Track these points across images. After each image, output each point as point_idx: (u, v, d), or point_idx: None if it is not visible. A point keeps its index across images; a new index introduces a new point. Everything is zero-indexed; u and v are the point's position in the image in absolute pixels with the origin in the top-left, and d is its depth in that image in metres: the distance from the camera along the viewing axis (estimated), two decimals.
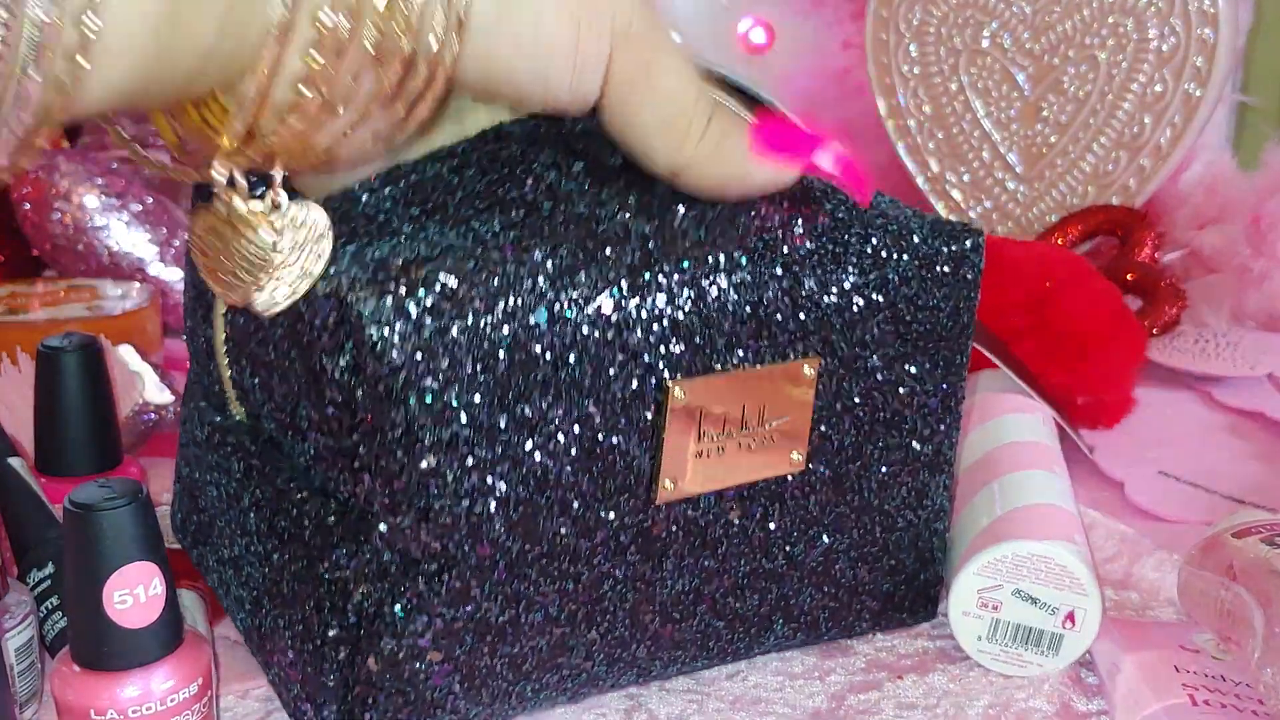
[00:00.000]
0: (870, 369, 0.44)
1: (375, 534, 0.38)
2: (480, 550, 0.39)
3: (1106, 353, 0.70)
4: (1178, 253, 0.90)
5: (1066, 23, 0.89)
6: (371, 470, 0.37)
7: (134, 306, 0.73)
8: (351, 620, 0.39)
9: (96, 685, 0.39)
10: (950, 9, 0.92)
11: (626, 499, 0.41)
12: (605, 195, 0.40)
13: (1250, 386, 0.75)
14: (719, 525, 0.43)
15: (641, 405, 0.40)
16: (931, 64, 0.94)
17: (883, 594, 0.49)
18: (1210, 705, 0.44)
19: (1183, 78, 0.86)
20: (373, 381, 0.35)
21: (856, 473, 0.46)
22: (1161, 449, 0.68)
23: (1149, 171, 0.89)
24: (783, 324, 0.42)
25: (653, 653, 0.44)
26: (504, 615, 0.40)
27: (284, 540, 0.40)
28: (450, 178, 0.39)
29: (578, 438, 0.39)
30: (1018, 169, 0.92)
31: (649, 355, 0.39)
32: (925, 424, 0.46)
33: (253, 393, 0.41)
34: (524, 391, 0.37)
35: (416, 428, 0.36)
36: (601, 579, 0.41)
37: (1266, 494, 0.62)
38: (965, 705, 0.46)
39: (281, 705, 0.44)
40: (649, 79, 0.37)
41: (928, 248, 0.44)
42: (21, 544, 0.49)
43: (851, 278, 0.43)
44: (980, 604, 0.48)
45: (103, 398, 0.54)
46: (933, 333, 0.45)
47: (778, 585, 0.46)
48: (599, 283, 0.38)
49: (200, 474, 0.46)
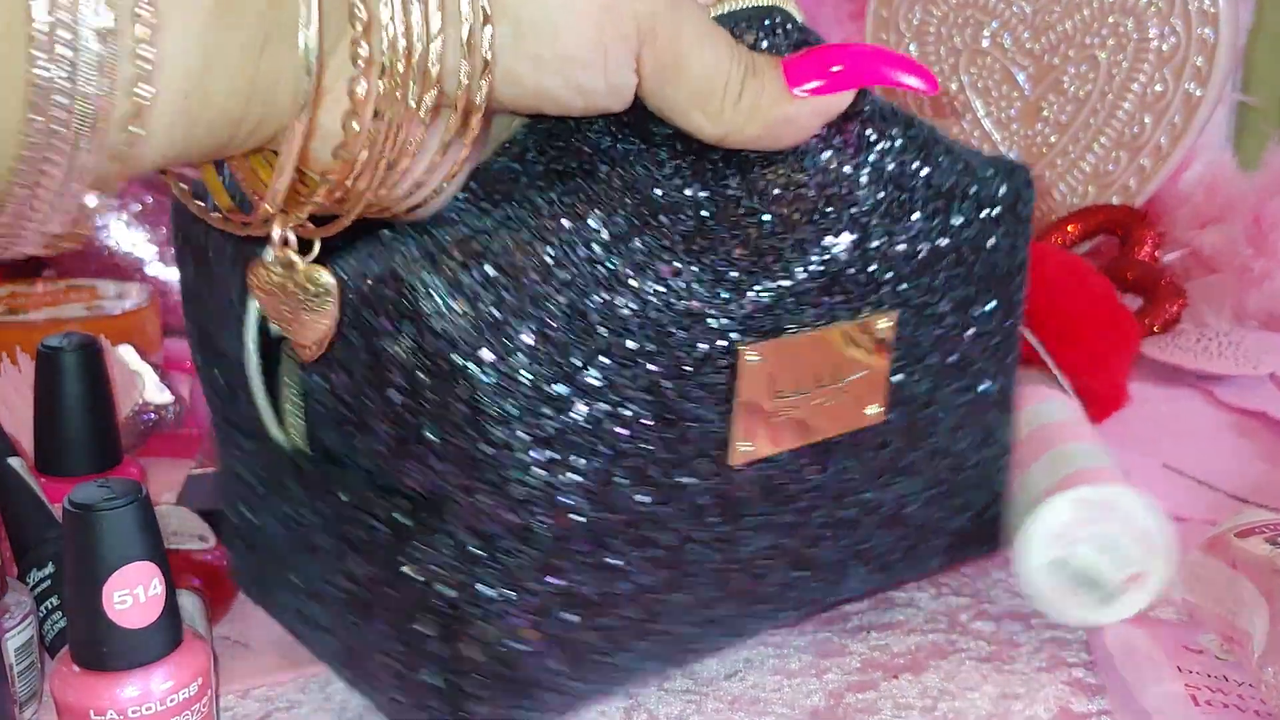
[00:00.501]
0: (939, 315, 0.44)
1: (451, 519, 0.37)
2: (560, 521, 0.38)
3: (1095, 338, 0.70)
4: (1178, 252, 0.90)
5: (1067, 22, 0.89)
6: (440, 452, 0.37)
7: (134, 306, 0.73)
8: (442, 611, 0.38)
9: (96, 685, 0.39)
10: (950, 9, 0.92)
11: (703, 463, 0.40)
12: (663, 156, 0.39)
13: (1253, 386, 0.75)
14: (796, 481, 0.43)
15: (712, 370, 0.39)
16: (932, 64, 0.94)
17: (951, 530, 0.49)
18: (1212, 705, 0.44)
19: (1183, 77, 0.86)
20: (434, 358, 0.35)
21: (929, 418, 0.46)
22: (1164, 446, 0.68)
23: (1149, 171, 0.88)
24: (854, 278, 0.41)
25: (739, 609, 0.44)
26: (592, 586, 0.40)
27: (357, 549, 0.40)
28: (513, 165, 0.39)
29: (648, 404, 0.38)
30: None
31: (715, 320, 0.39)
32: (991, 363, 0.47)
33: (313, 398, 0.41)
34: (586, 360, 0.37)
35: (480, 401, 0.35)
36: (684, 543, 0.41)
37: (1269, 493, 0.62)
38: (965, 706, 0.46)
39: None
40: (679, 63, 0.36)
41: (985, 185, 0.44)
42: (21, 544, 0.49)
43: (919, 223, 0.42)
44: (1059, 535, 0.48)
45: (102, 398, 0.54)
46: (993, 273, 0.45)
47: (852, 532, 0.46)
48: (655, 249, 0.38)
49: (252, 512, 0.46)
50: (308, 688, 0.48)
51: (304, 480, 0.42)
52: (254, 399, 0.43)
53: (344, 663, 0.44)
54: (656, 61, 0.36)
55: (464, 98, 0.33)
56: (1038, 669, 0.48)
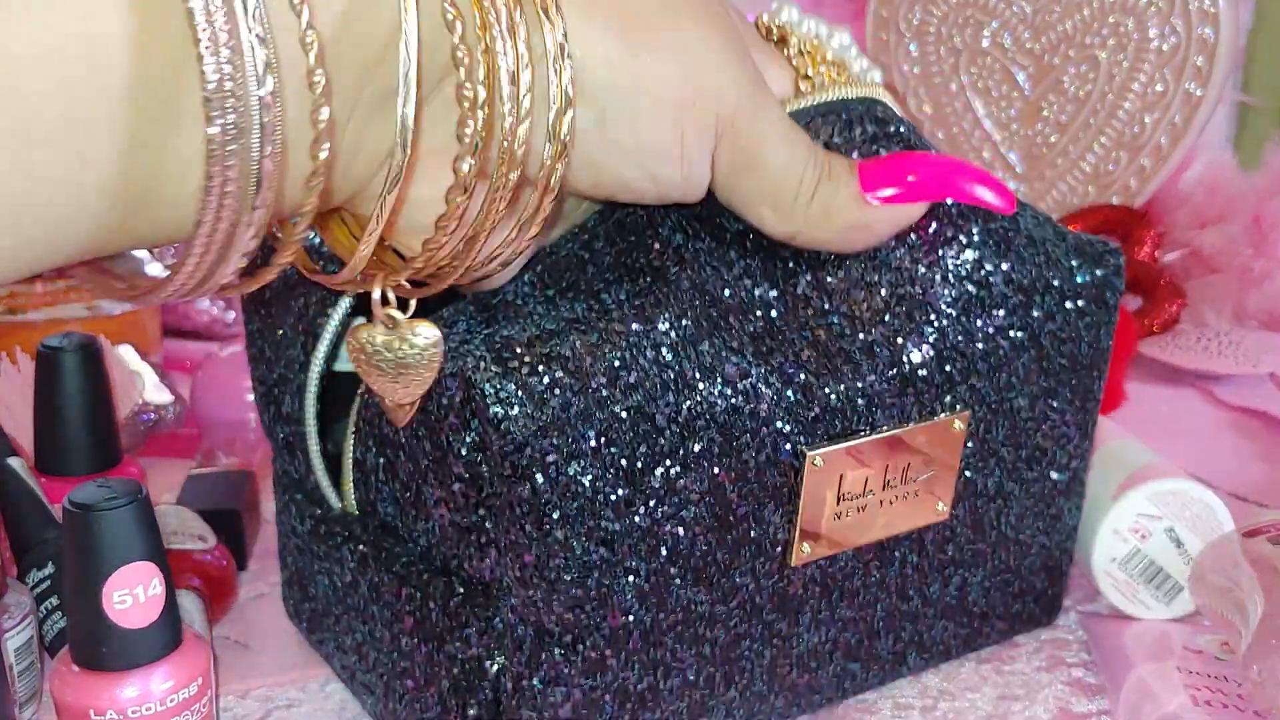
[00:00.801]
0: (1015, 409, 0.43)
1: (506, 608, 0.37)
2: (613, 620, 0.38)
3: None
4: (1178, 253, 0.90)
5: (1067, 22, 0.89)
6: (499, 545, 0.37)
7: (134, 306, 0.73)
8: (489, 697, 0.38)
9: (96, 685, 0.39)
10: (950, 9, 0.92)
11: (763, 563, 0.40)
12: (733, 256, 0.39)
13: (1253, 385, 0.75)
14: (856, 578, 0.42)
15: (776, 473, 0.39)
16: (932, 64, 0.94)
17: (1011, 614, 0.48)
18: (1212, 705, 0.44)
19: (1183, 77, 0.86)
20: (499, 458, 0.35)
21: (996, 510, 0.45)
22: (1164, 445, 0.68)
23: (1149, 171, 0.88)
24: (928, 379, 0.40)
25: (790, 701, 0.44)
26: (642, 682, 0.39)
27: (410, 624, 0.40)
28: (581, 253, 0.39)
29: (710, 507, 0.38)
30: (1018, 169, 0.92)
31: (782, 423, 0.38)
32: (1064, 453, 0.45)
33: (376, 474, 0.41)
34: (651, 463, 0.37)
35: (543, 502, 0.36)
36: (738, 640, 0.41)
37: (1268, 493, 0.62)
38: (965, 706, 0.46)
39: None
40: (755, 161, 0.36)
41: (1070, 277, 0.42)
42: (21, 544, 0.49)
43: (998, 320, 0.41)
44: (1133, 528, 0.48)
45: (102, 398, 0.54)
46: (1074, 364, 0.44)
47: (912, 624, 0.45)
48: (723, 351, 0.37)
49: (307, 564, 0.46)
50: (308, 688, 0.48)
51: (358, 549, 0.42)
52: (311, 465, 0.44)
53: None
54: (733, 157, 0.36)
55: (544, 179, 0.33)
56: (1037, 669, 0.48)
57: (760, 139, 0.36)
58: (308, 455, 0.44)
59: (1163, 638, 0.49)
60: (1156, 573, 0.49)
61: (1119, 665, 0.47)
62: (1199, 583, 0.49)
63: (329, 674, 0.48)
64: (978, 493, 0.44)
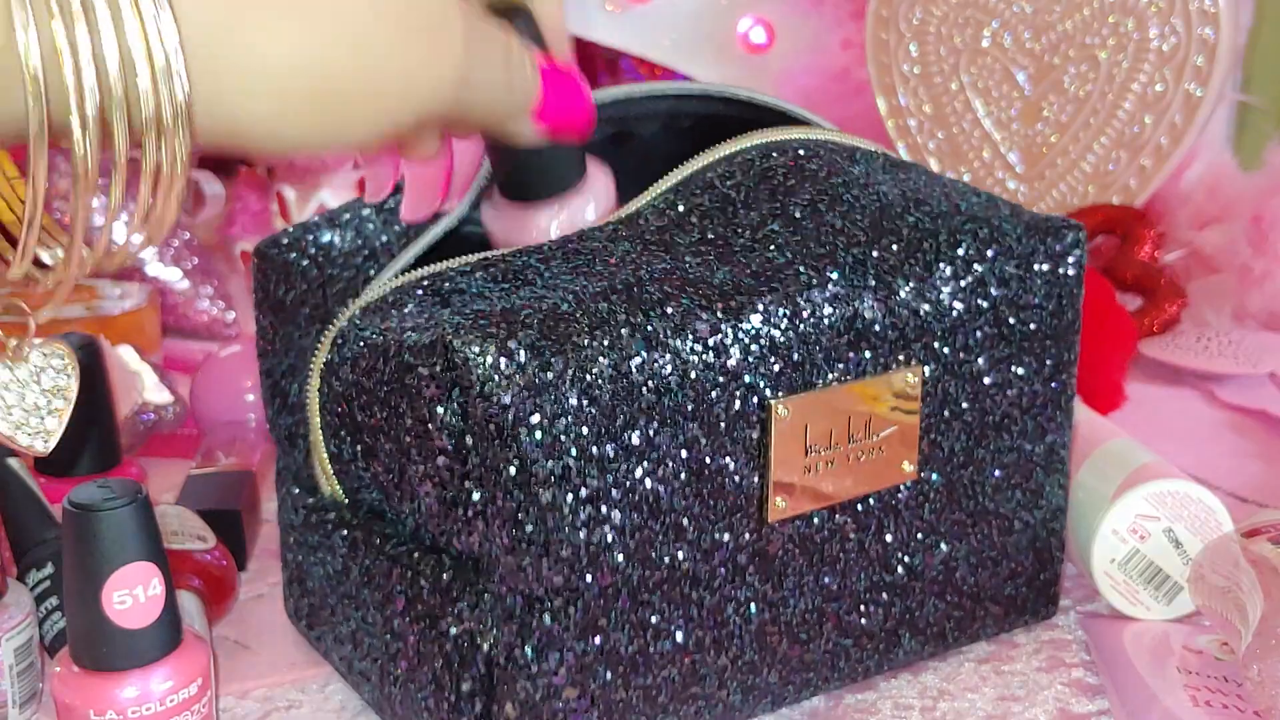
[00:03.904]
0: (976, 373, 0.44)
1: (495, 579, 0.38)
2: (601, 579, 0.39)
3: (1090, 336, 0.70)
4: (1179, 252, 0.90)
5: (1067, 22, 0.89)
6: (485, 515, 0.38)
7: (133, 306, 0.73)
8: (483, 670, 0.39)
9: (96, 686, 0.39)
10: (950, 8, 0.92)
11: (740, 519, 0.41)
12: (689, 261, 0.41)
13: (1253, 385, 0.75)
14: (835, 541, 0.43)
15: (746, 425, 0.40)
16: (932, 63, 0.94)
17: (1004, 598, 0.48)
18: (1212, 705, 0.44)
19: (1183, 77, 0.86)
20: (483, 422, 0.36)
21: (970, 478, 0.46)
22: (1164, 445, 0.67)
23: (1150, 171, 0.88)
24: (881, 335, 0.42)
25: (785, 677, 0.44)
26: (633, 645, 0.40)
27: (401, 605, 0.41)
28: (538, 265, 0.41)
29: (685, 461, 0.40)
30: (1018, 169, 0.92)
31: (749, 375, 0.40)
32: (1036, 424, 0.47)
33: (355, 462, 0.42)
34: (629, 421, 0.38)
35: (530, 464, 0.37)
36: (724, 602, 0.42)
37: (1268, 492, 0.62)
38: (965, 706, 0.46)
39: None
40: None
41: (1022, 247, 0.44)
42: (21, 544, 0.49)
43: (948, 282, 0.43)
44: (1132, 529, 0.48)
45: (102, 398, 0.54)
46: (1037, 332, 0.45)
47: (900, 598, 0.46)
48: (691, 309, 0.39)
49: (303, 556, 0.47)
50: (307, 688, 0.48)
51: (348, 534, 0.43)
52: (305, 453, 0.45)
53: (382, 711, 0.44)
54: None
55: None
56: (1037, 669, 0.48)
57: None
58: (303, 444, 0.44)
59: (1162, 638, 0.49)
60: (1156, 573, 0.49)
61: (1119, 665, 0.47)
62: (1198, 583, 0.49)
63: (329, 674, 0.48)
64: (946, 457, 0.45)
